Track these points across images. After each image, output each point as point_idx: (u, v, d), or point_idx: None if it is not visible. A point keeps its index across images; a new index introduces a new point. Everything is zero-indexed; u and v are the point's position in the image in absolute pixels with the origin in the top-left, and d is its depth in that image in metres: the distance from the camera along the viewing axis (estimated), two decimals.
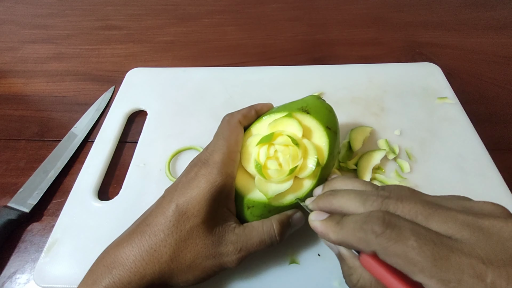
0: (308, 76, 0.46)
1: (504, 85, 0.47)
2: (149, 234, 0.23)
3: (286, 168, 0.27)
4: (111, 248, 0.24)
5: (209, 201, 0.24)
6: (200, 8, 0.65)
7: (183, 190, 0.24)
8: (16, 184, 0.38)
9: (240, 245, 0.25)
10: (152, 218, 0.24)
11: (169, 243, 0.23)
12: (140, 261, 0.22)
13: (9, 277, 0.32)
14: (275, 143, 0.27)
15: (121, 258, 0.23)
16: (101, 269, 0.22)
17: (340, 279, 0.28)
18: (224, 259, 0.24)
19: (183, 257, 0.23)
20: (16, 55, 0.57)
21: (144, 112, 0.44)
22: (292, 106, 0.30)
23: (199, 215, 0.24)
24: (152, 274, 0.22)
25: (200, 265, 0.24)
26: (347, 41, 0.56)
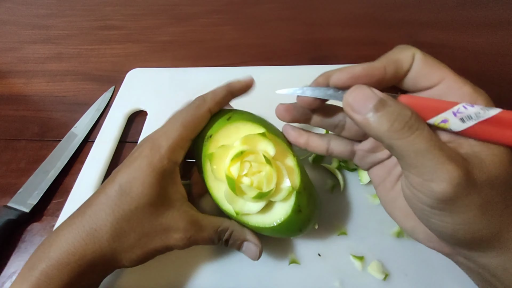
0: (307, 76, 0.46)
1: (504, 85, 0.47)
2: (89, 214, 0.23)
3: (260, 187, 0.25)
4: (50, 235, 0.23)
5: (153, 184, 0.23)
6: (198, 8, 0.65)
7: (126, 169, 0.24)
8: (16, 184, 0.38)
9: (190, 234, 0.25)
10: (94, 198, 0.24)
11: (110, 222, 0.22)
12: (79, 242, 0.22)
13: (9, 277, 0.32)
14: (249, 160, 0.25)
15: (59, 240, 0.22)
16: (39, 254, 0.22)
17: (340, 279, 0.28)
18: (172, 242, 0.24)
19: (126, 237, 0.23)
20: (16, 55, 0.57)
21: (144, 112, 0.44)
22: (258, 120, 0.28)
23: (144, 197, 0.23)
24: (92, 254, 0.22)
25: (145, 245, 0.24)
26: (346, 41, 0.56)
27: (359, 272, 0.29)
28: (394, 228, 0.31)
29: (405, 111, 0.19)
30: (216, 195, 0.26)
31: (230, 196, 0.25)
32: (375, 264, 0.29)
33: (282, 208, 0.25)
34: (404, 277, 0.28)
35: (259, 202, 0.25)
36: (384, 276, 0.28)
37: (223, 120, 0.27)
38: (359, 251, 0.30)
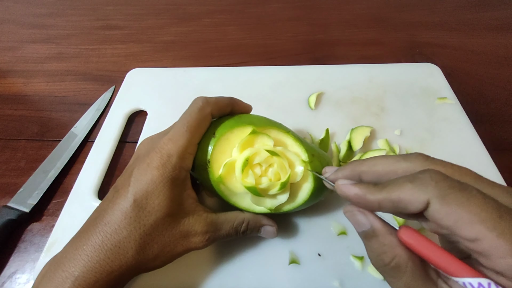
0: (308, 76, 0.46)
1: (504, 85, 0.47)
2: (111, 233, 0.22)
3: (278, 178, 0.26)
4: (68, 252, 0.22)
5: (168, 195, 0.24)
6: (201, 8, 0.65)
7: (137, 184, 0.23)
8: (16, 184, 0.38)
9: (209, 235, 0.25)
10: (110, 216, 0.23)
11: (133, 238, 0.23)
12: (104, 260, 0.22)
13: (9, 277, 0.32)
14: (257, 162, 0.26)
15: (80, 259, 0.22)
16: (61, 275, 0.21)
17: (340, 279, 0.28)
18: (192, 245, 0.25)
19: (149, 249, 0.23)
20: (16, 55, 0.57)
21: (144, 112, 0.44)
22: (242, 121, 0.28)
23: (161, 210, 0.23)
24: (119, 269, 0.22)
25: (168, 253, 0.24)
26: (347, 41, 0.56)
27: (359, 272, 0.29)
28: None
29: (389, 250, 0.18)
30: (243, 205, 0.27)
31: (257, 200, 0.27)
32: None
33: (304, 182, 0.27)
34: None
35: (285, 191, 0.27)
36: None
37: (210, 138, 0.27)
38: (359, 251, 0.30)
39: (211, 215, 0.26)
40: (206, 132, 0.27)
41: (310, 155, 0.28)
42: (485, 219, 0.15)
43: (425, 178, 0.17)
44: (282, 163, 0.26)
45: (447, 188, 0.16)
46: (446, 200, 0.16)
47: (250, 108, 0.31)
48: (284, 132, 0.28)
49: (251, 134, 0.27)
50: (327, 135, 0.37)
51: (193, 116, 0.26)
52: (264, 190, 0.26)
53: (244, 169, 0.26)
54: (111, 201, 0.24)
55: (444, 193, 0.16)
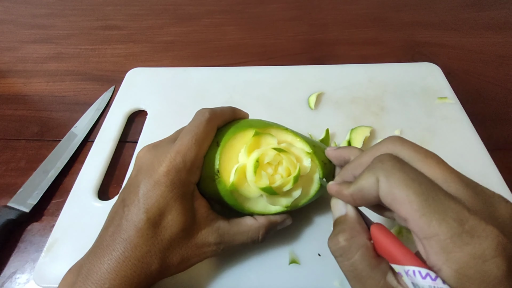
0: (308, 76, 0.46)
1: (504, 84, 0.47)
2: (132, 249, 0.22)
3: (289, 174, 0.27)
4: (93, 264, 0.23)
5: (180, 210, 0.24)
6: (200, 8, 0.65)
7: (148, 200, 0.23)
8: (16, 184, 0.38)
9: (223, 245, 0.26)
10: (127, 233, 0.23)
11: (154, 253, 0.23)
12: (131, 274, 0.22)
13: (9, 277, 0.32)
14: (267, 162, 0.26)
15: (109, 274, 0.22)
16: (92, 287, 0.21)
17: (340, 279, 0.28)
18: (208, 255, 0.26)
19: (170, 260, 0.24)
20: (16, 55, 0.57)
21: (144, 112, 0.44)
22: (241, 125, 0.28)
23: (175, 225, 0.23)
24: (145, 280, 0.23)
25: (186, 263, 0.25)
26: (347, 41, 0.56)
27: None
28: (393, 228, 0.31)
29: (340, 235, 0.21)
30: (258, 209, 0.27)
31: (273, 200, 0.27)
32: None
33: (313, 173, 0.28)
34: None
35: (298, 186, 0.27)
36: None
37: (214, 148, 0.26)
38: None
39: (224, 226, 0.26)
40: None
41: (312, 146, 0.28)
42: (413, 201, 0.17)
43: (375, 161, 0.20)
44: (291, 158, 0.27)
45: (390, 168, 0.18)
46: (389, 179, 0.18)
47: (247, 116, 0.31)
48: (283, 130, 0.29)
49: (255, 136, 0.27)
50: (327, 135, 0.37)
51: (201, 129, 0.25)
52: (279, 188, 0.26)
53: (256, 171, 0.26)
54: (123, 216, 0.24)
55: (386, 172, 0.18)
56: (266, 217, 0.27)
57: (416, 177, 0.18)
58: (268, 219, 0.27)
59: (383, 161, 0.19)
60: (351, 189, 0.21)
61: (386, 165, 0.19)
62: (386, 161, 0.19)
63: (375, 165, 0.19)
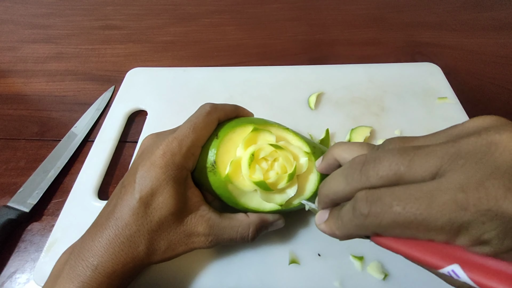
0: (308, 76, 0.46)
1: (504, 85, 0.47)
2: (122, 227, 0.24)
3: (285, 171, 0.27)
4: (85, 243, 0.24)
5: (172, 193, 0.24)
6: (200, 8, 0.65)
7: (142, 181, 0.24)
8: (16, 183, 0.38)
9: (211, 237, 0.26)
10: (119, 212, 0.24)
11: (142, 233, 0.24)
12: (119, 252, 0.23)
13: (9, 276, 0.32)
14: (262, 157, 0.27)
15: (100, 251, 0.23)
16: (81, 264, 0.23)
17: (340, 279, 0.28)
18: (196, 245, 0.26)
19: (157, 244, 0.24)
20: (16, 55, 0.57)
21: (144, 112, 0.44)
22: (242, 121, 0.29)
23: (165, 207, 0.24)
24: (133, 261, 0.24)
25: (173, 250, 0.25)
26: (347, 41, 0.56)
27: (359, 272, 0.29)
28: None
29: None
30: (252, 205, 0.27)
31: (267, 197, 0.27)
32: (375, 264, 0.29)
33: (310, 173, 0.28)
34: (404, 277, 0.28)
35: (293, 184, 0.27)
36: (384, 276, 0.28)
37: (213, 140, 0.27)
38: (359, 251, 0.30)
39: (214, 217, 0.26)
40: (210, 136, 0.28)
41: (312, 147, 0.28)
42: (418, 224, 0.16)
43: (359, 217, 0.18)
44: (287, 155, 0.27)
45: (375, 219, 0.17)
46: (384, 229, 0.17)
47: (252, 114, 0.32)
48: (283, 129, 0.29)
49: (253, 132, 0.27)
50: (327, 135, 0.37)
51: (200, 119, 0.27)
52: (273, 184, 0.26)
53: (250, 164, 0.26)
54: (119, 197, 0.25)
55: (377, 224, 0.17)
56: (258, 214, 0.27)
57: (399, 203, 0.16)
58: (259, 217, 0.27)
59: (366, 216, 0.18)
60: (345, 233, 0.20)
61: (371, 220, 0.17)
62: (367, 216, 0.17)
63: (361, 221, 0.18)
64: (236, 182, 0.26)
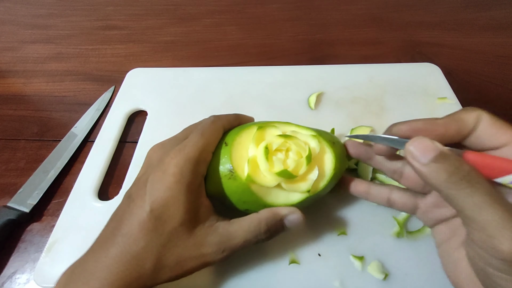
0: (308, 76, 0.46)
1: (504, 84, 0.47)
2: (129, 244, 0.22)
3: (301, 156, 0.27)
4: (87, 263, 0.22)
5: (183, 202, 0.23)
6: (201, 8, 0.65)
7: (154, 192, 0.23)
8: (16, 184, 0.38)
9: (223, 246, 0.24)
10: (127, 227, 0.23)
11: (150, 249, 0.22)
12: (123, 271, 0.22)
13: (9, 277, 0.32)
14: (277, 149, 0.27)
15: (103, 273, 0.21)
16: (77, 284, 0.21)
17: (340, 279, 0.28)
18: (208, 259, 0.24)
19: (166, 260, 0.23)
20: (16, 55, 0.57)
21: (144, 112, 0.44)
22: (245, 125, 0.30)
23: (175, 218, 0.23)
24: (137, 281, 0.22)
25: (183, 266, 0.23)
26: (347, 41, 0.56)
27: (359, 272, 0.29)
28: (394, 228, 0.31)
29: (464, 165, 0.19)
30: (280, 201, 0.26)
31: (292, 186, 0.26)
32: (375, 264, 0.29)
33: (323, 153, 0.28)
34: (404, 277, 0.28)
35: (313, 167, 0.27)
36: (384, 276, 0.28)
37: (223, 148, 0.27)
38: (359, 251, 0.30)
39: (224, 224, 0.25)
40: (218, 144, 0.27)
41: (315, 131, 0.29)
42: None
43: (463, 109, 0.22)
44: (298, 142, 0.27)
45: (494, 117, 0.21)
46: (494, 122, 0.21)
47: (253, 119, 0.32)
48: (285, 123, 0.30)
49: (259, 130, 0.27)
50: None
51: (206, 126, 0.27)
52: (294, 171, 0.26)
53: (268, 157, 0.26)
54: (127, 211, 0.24)
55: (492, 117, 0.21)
56: (268, 209, 0.26)
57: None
58: (270, 210, 0.26)
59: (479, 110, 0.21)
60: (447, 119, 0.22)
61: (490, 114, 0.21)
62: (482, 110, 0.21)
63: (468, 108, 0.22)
64: (258, 180, 0.26)
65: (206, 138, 0.26)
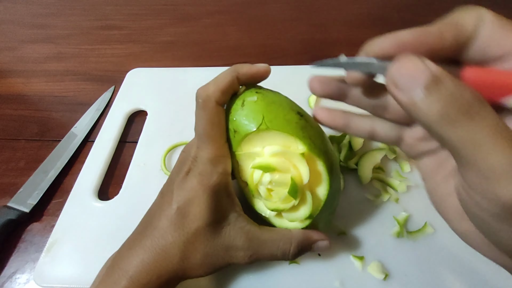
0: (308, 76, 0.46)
1: None
2: (158, 238, 0.23)
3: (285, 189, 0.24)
4: (123, 251, 0.24)
5: (208, 203, 0.23)
6: (200, 8, 0.65)
7: (179, 191, 0.24)
8: (16, 184, 0.38)
9: (251, 252, 0.24)
10: (157, 222, 0.24)
11: (177, 245, 0.23)
12: (154, 263, 0.23)
13: (9, 277, 0.32)
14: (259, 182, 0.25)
15: (135, 261, 0.23)
16: (118, 272, 0.23)
17: (340, 279, 0.28)
18: (234, 261, 0.25)
19: (193, 258, 0.24)
20: (16, 55, 0.57)
21: (144, 112, 0.44)
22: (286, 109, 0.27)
23: (202, 218, 0.23)
24: (167, 273, 0.23)
25: (210, 264, 0.24)
26: (347, 41, 0.56)
27: (359, 272, 0.29)
28: (394, 228, 0.31)
29: (464, 92, 0.14)
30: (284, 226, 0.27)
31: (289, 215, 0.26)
32: (375, 264, 0.29)
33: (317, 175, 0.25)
34: (404, 277, 0.28)
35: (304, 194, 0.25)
36: (384, 276, 0.28)
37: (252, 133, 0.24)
38: (359, 251, 0.30)
39: (254, 230, 0.25)
40: None
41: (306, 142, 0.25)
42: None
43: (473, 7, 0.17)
44: (280, 177, 0.24)
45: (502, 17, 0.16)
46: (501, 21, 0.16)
47: (264, 71, 0.27)
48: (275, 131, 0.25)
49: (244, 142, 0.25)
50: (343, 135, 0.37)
51: (202, 118, 0.24)
52: (285, 204, 0.25)
53: (254, 195, 0.26)
54: (158, 207, 0.25)
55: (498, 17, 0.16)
56: (302, 230, 0.26)
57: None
58: (303, 233, 0.25)
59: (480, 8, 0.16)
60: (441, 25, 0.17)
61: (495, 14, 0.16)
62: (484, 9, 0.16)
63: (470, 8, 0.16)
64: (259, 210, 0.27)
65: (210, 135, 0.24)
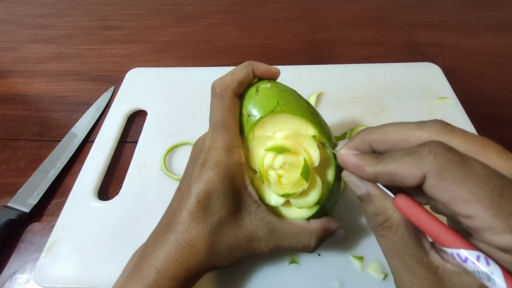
0: (308, 76, 0.46)
1: (504, 85, 0.47)
2: (182, 232, 0.24)
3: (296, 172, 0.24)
4: (149, 247, 0.24)
5: (227, 193, 0.24)
6: (200, 8, 0.65)
7: (197, 185, 0.24)
8: (16, 184, 0.38)
9: (272, 243, 0.25)
10: (178, 216, 0.24)
11: (202, 238, 0.23)
12: (181, 257, 0.23)
13: (9, 277, 0.32)
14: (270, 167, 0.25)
15: (162, 255, 0.23)
16: (146, 266, 0.23)
17: (340, 279, 0.28)
18: (256, 251, 0.25)
19: (218, 250, 0.24)
20: (16, 55, 0.57)
21: (144, 112, 0.44)
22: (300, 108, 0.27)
23: (223, 208, 0.24)
24: (195, 266, 0.23)
25: (234, 255, 0.25)
26: (347, 41, 0.56)
27: (359, 272, 0.29)
28: None
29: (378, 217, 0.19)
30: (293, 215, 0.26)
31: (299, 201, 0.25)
32: (375, 264, 0.29)
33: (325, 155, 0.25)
34: None
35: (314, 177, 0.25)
36: (383, 276, 0.28)
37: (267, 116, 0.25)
38: (359, 251, 0.30)
39: (274, 221, 0.25)
40: None
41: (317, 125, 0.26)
42: (481, 198, 0.14)
43: (424, 152, 0.16)
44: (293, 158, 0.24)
45: (446, 163, 0.15)
46: (443, 175, 0.15)
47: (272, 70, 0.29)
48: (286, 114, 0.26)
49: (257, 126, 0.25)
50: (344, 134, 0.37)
51: (219, 108, 0.25)
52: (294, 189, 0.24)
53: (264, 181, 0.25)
54: (178, 202, 0.25)
55: (441, 168, 0.15)
56: (321, 222, 0.26)
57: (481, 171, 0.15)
58: (322, 225, 0.26)
59: (436, 155, 0.16)
60: (378, 169, 0.18)
61: (440, 160, 0.16)
62: (440, 155, 0.16)
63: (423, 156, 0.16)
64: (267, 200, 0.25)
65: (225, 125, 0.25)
